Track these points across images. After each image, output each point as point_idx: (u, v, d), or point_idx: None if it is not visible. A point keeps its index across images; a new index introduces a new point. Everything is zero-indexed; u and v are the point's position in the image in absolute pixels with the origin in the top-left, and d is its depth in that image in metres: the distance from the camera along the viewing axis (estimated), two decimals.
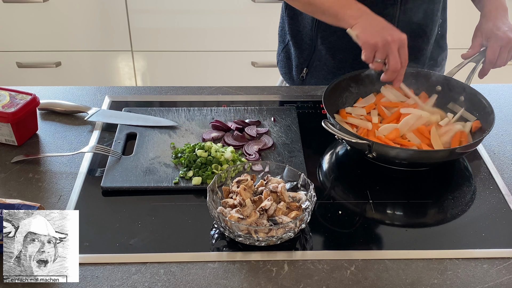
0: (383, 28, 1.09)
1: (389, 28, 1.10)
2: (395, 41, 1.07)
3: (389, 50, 1.07)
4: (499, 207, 1.01)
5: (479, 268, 0.89)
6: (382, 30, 1.09)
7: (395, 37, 1.07)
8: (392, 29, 1.10)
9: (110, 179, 1.03)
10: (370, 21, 1.11)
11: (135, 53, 2.47)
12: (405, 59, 1.09)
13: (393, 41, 1.07)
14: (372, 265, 0.89)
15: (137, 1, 2.34)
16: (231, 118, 1.22)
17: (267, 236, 0.88)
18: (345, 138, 1.02)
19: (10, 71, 2.48)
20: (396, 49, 1.07)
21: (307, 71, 1.43)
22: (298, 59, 1.45)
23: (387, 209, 1.02)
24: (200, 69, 2.52)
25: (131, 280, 0.85)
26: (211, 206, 0.90)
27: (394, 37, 1.07)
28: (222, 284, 0.85)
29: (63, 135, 1.18)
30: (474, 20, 1.29)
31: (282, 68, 1.53)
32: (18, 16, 2.35)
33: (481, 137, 1.05)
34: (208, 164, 1.05)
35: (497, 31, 1.19)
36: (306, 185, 0.96)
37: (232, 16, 2.40)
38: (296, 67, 1.46)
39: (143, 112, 1.24)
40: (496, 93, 1.38)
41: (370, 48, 1.08)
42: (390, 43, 1.07)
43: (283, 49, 1.50)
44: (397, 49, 1.07)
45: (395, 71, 1.09)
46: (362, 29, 1.10)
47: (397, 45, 1.07)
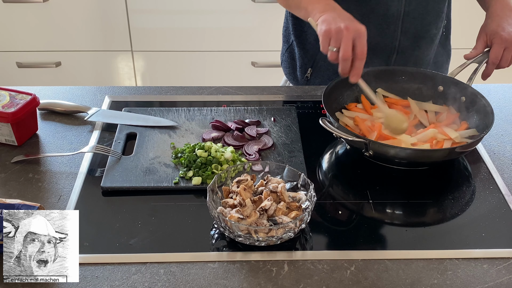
0: (342, 19, 1.05)
1: (348, 19, 1.06)
2: (350, 30, 1.02)
3: (342, 37, 1.02)
4: (499, 207, 1.01)
5: (479, 268, 0.89)
6: (340, 19, 1.05)
7: (351, 27, 1.02)
8: (352, 20, 1.06)
9: (110, 179, 1.03)
10: (334, 14, 1.08)
11: (135, 53, 2.47)
12: (362, 51, 1.02)
13: (347, 28, 1.02)
14: (372, 265, 0.89)
15: (137, 1, 2.34)
16: (231, 118, 1.22)
17: (267, 236, 0.88)
18: (342, 136, 1.03)
19: (10, 71, 2.48)
20: (350, 37, 1.02)
21: (311, 71, 1.43)
22: (302, 59, 1.44)
23: (387, 209, 1.02)
24: (200, 69, 2.52)
25: (131, 280, 0.85)
26: (211, 206, 0.90)
27: (350, 27, 1.02)
28: (222, 284, 0.85)
29: (63, 135, 1.18)
30: (477, 20, 1.29)
31: (286, 68, 1.53)
32: (18, 16, 2.35)
33: (481, 136, 1.05)
34: (208, 164, 1.05)
35: (502, 32, 1.18)
36: (306, 185, 0.96)
37: (232, 16, 2.40)
38: (300, 68, 1.46)
39: (143, 112, 1.24)
40: (496, 93, 1.38)
41: (324, 36, 1.04)
42: (343, 30, 1.02)
43: (287, 49, 1.50)
44: (351, 37, 1.02)
45: (344, 60, 1.02)
46: (322, 19, 1.07)
47: (352, 34, 1.02)
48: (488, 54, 1.21)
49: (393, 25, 1.31)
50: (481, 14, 1.30)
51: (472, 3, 1.39)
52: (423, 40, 1.35)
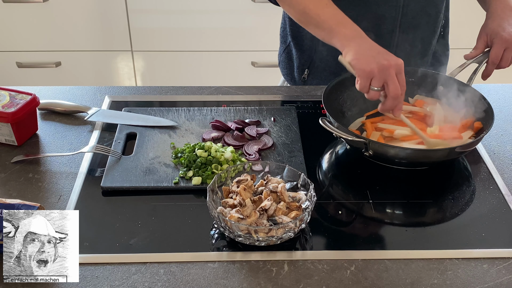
0: (378, 53, 1.01)
1: (385, 53, 1.02)
2: (393, 66, 0.98)
3: (388, 76, 0.98)
4: (499, 207, 1.01)
5: (479, 268, 0.89)
6: (378, 55, 1.00)
7: (392, 62, 0.99)
8: (388, 54, 1.02)
9: (110, 179, 1.03)
10: (364, 46, 1.03)
11: (135, 53, 2.47)
12: (404, 85, 1.00)
13: (391, 66, 0.98)
14: (372, 265, 0.89)
15: (137, 1, 2.34)
16: (231, 118, 1.22)
17: (267, 236, 0.88)
18: (342, 136, 1.03)
19: (10, 71, 2.48)
20: (394, 74, 0.99)
21: (308, 72, 1.43)
22: (299, 60, 1.44)
23: (387, 208, 1.02)
24: (200, 69, 2.52)
25: (131, 280, 0.85)
26: (211, 206, 0.90)
27: (391, 62, 0.99)
28: (222, 284, 0.85)
29: (63, 135, 1.18)
30: (477, 20, 1.29)
31: (284, 69, 1.53)
32: (18, 16, 2.35)
33: (481, 136, 1.05)
34: (208, 164, 1.05)
35: (502, 32, 1.18)
36: (306, 185, 0.96)
37: (232, 16, 2.40)
38: (297, 68, 1.46)
39: (143, 112, 1.24)
40: (496, 93, 1.38)
41: (365, 76, 1.00)
42: (388, 69, 0.98)
43: (285, 50, 1.50)
44: (395, 74, 0.99)
45: (395, 98, 1.00)
46: (356, 55, 1.01)
47: (395, 70, 0.99)
48: (488, 54, 1.21)
49: (391, 25, 1.31)
50: (480, 14, 1.30)
51: (471, 3, 1.39)
52: (420, 40, 1.35)
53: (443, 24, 1.41)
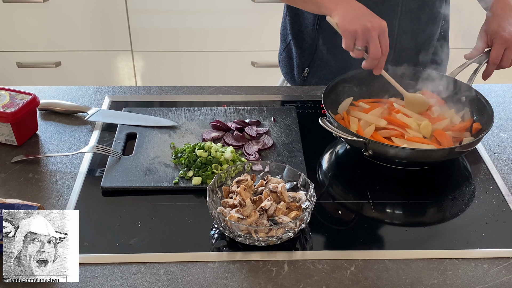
0: (363, 14, 1.07)
1: (369, 15, 1.08)
2: (375, 28, 1.05)
3: (369, 37, 1.05)
4: (499, 207, 1.01)
5: (479, 268, 0.89)
6: (362, 16, 1.07)
7: (375, 24, 1.05)
8: (372, 15, 1.08)
9: (110, 179, 1.03)
10: (350, 8, 1.09)
11: (135, 53, 2.47)
12: (386, 46, 1.07)
13: (373, 28, 1.05)
14: (372, 265, 0.89)
15: (137, 1, 2.34)
16: (231, 118, 1.22)
17: (267, 236, 0.88)
18: (342, 136, 1.03)
19: (10, 71, 2.48)
20: (377, 36, 1.06)
21: (308, 71, 1.43)
22: (299, 58, 1.45)
23: (387, 208, 1.02)
24: (200, 69, 2.52)
25: (131, 280, 0.85)
26: (211, 206, 0.90)
27: (374, 24, 1.05)
28: (222, 284, 0.85)
29: (63, 135, 1.18)
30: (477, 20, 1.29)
31: (284, 68, 1.53)
32: (18, 16, 2.35)
33: (481, 136, 1.05)
34: (208, 164, 1.05)
35: (502, 32, 1.18)
36: (306, 185, 0.96)
37: (232, 16, 2.40)
38: (297, 67, 1.46)
39: (143, 112, 1.24)
40: (496, 93, 1.38)
41: (350, 36, 1.07)
42: (370, 30, 1.05)
43: (285, 49, 1.50)
44: (377, 36, 1.06)
45: (375, 58, 1.07)
46: (342, 16, 1.08)
47: (377, 32, 1.05)
48: (488, 54, 1.21)
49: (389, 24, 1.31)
50: (481, 15, 1.30)
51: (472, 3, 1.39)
52: (420, 40, 1.35)
53: (443, 25, 1.41)
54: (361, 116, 1.16)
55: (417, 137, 1.10)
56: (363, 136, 1.04)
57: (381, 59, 1.09)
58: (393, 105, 1.20)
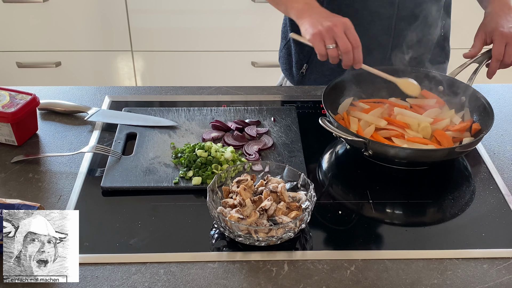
0: (324, 17, 1.10)
1: (331, 16, 1.10)
2: (338, 25, 1.07)
3: (334, 34, 1.07)
4: (499, 207, 1.01)
5: (479, 268, 0.89)
6: (323, 19, 1.09)
7: (337, 22, 1.07)
8: (334, 16, 1.10)
9: (110, 179, 1.03)
10: (314, 15, 1.11)
11: (135, 53, 2.47)
12: (355, 39, 1.08)
13: (335, 25, 1.07)
14: (372, 265, 0.89)
15: (137, 1, 2.34)
16: (231, 118, 1.22)
17: (267, 236, 0.88)
18: (342, 135, 1.03)
19: (10, 71, 2.48)
20: (342, 31, 1.07)
21: (306, 67, 1.44)
22: (298, 55, 1.46)
23: (387, 208, 1.02)
24: (200, 69, 2.52)
25: (131, 280, 0.85)
26: (211, 206, 0.90)
27: (336, 22, 1.07)
28: (222, 284, 0.85)
29: (63, 135, 1.18)
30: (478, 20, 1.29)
31: (283, 64, 1.54)
32: (18, 16, 2.35)
33: (481, 136, 1.05)
34: (208, 164, 1.05)
35: (501, 29, 1.18)
36: (306, 185, 0.96)
37: (232, 16, 2.40)
38: (296, 63, 1.47)
39: (143, 112, 1.24)
40: (496, 93, 1.38)
41: (317, 39, 1.08)
42: (333, 28, 1.07)
43: (285, 45, 1.51)
44: (342, 31, 1.07)
45: (347, 52, 1.08)
46: (306, 24, 1.10)
47: (341, 28, 1.07)
48: (488, 53, 1.21)
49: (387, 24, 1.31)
50: (480, 14, 1.30)
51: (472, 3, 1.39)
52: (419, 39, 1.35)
53: (443, 25, 1.41)
54: (361, 116, 1.16)
55: (417, 137, 1.10)
56: (363, 136, 1.05)
57: (355, 52, 1.09)
58: (393, 105, 1.20)
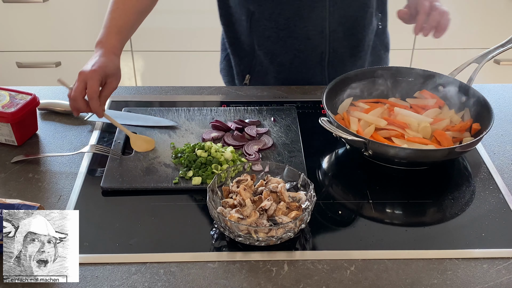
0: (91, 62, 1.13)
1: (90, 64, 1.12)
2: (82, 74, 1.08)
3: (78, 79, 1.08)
4: (499, 207, 1.01)
5: (479, 268, 0.89)
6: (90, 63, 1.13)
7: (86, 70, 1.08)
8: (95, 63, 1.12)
9: (110, 179, 1.03)
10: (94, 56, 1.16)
11: (135, 53, 2.47)
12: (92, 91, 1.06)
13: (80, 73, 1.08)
14: (372, 265, 0.89)
15: None
16: (231, 118, 1.22)
17: (267, 236, 0.88)
18: (342, 136, 1.03)
19: (10, 71, 2.48)
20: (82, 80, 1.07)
21: (249, 77, 1.42)
22: (238, 66, 1.44)
23: (387, 209, 1.02)
24: (200, 69, 2.52)
25: (131, 280, 0.85)
26: (211, 206, 0.90)
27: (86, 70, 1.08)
28: (222, 284, 0.85)
29: (63, 135, 1.18)
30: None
31: (225, 77, 1.52)
32: (18, 16, 2.35)
33: (481, 136, 1.05)
34: (208, 164, 1.05)
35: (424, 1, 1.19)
36: (306, 185, 0.96)
37: None
38: (237, 75, 1.45)
39: (143, 112, 1.24)
40: (496, 93, 1.38)
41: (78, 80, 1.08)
42: (81, 74, 1.08)
43: (225, 57, 1.49)
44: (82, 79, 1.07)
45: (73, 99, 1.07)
46: None
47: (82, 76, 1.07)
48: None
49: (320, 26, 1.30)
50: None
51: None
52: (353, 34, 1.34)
53: (380, 17, 1.40)
54: (361, 116, 1.16)
55: (417, 138, 1.10)
56: (363, 136, 1.05)
57: (91, 104, 1.06)
58: (393, 105, 1.20)
